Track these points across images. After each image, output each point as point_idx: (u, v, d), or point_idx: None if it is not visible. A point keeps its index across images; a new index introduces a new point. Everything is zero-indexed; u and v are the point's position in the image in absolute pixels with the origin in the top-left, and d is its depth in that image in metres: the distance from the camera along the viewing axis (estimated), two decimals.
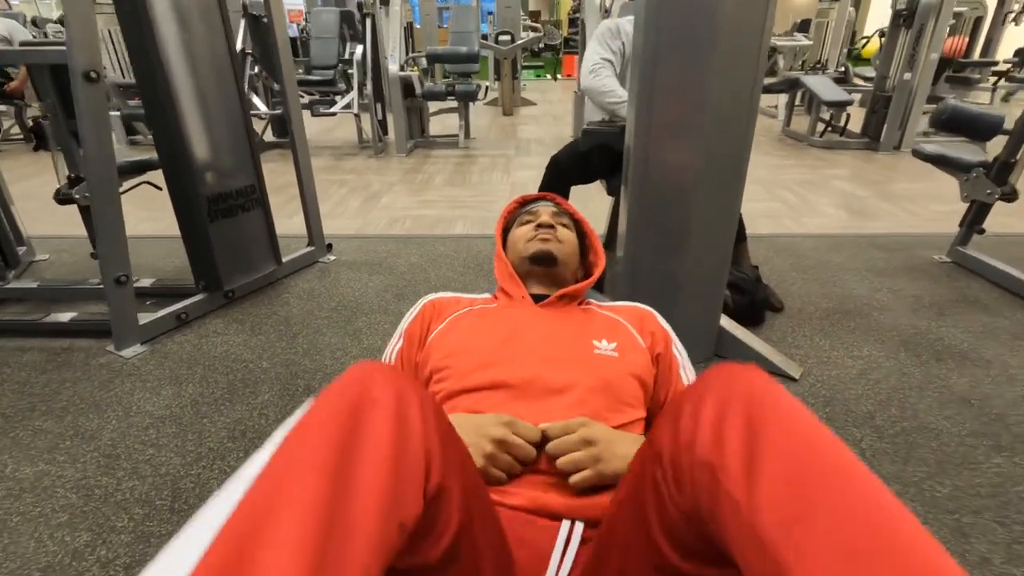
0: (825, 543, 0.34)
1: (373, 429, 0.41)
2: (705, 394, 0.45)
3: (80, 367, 1.52)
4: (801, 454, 0.38)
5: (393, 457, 0.40)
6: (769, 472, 0.38)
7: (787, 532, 0.35)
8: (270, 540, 0.33)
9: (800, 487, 0.37)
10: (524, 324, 0.84)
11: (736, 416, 0.41)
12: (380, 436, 0.40)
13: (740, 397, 0.43)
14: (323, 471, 0.37)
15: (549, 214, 0.99)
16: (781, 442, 0.39)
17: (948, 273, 2.07)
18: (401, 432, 0.42)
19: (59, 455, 1.21)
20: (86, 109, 1.38)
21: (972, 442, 1.22)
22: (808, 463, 0.38)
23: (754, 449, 0.39)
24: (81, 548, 0.99)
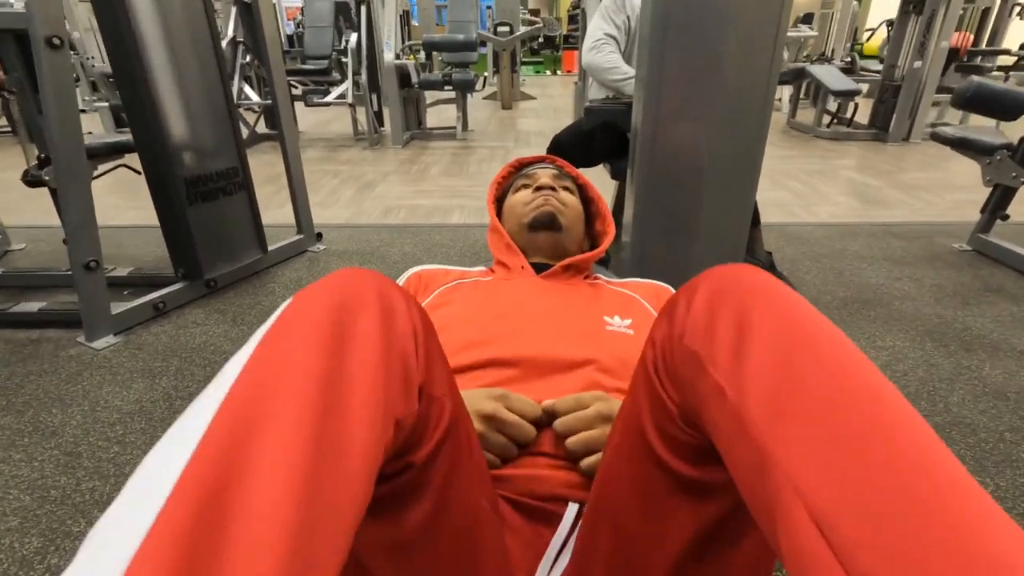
0: (809, 428, 0.32)
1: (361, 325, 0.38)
2: (698, 286, 0.42)
3: (47, 359, 1.41)
4: (791, 343, 0.35)
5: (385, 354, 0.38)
6: (757, 361, 0.35)
7: (772, 419, 0.33)
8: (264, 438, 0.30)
9: (788, 375, 0.34)
10: (525, 296, 0.73)
11: (728, 306, 0.39)
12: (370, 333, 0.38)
13: (734, 289, 0.40)
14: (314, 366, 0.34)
15: (549, 176, 0.88)
16: (771, 332, 0.36)
17: (969, 261, 1.97)
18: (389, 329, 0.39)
19: (15, 453, 1.10)
20: (49, 78, 1.28)
21: (1012, 438, 1.12)
22: (798, 352, 0.35)
23: (743, 338, 0.37)
24: (30, 556, 0.89)
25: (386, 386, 0.37)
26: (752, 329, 0.37)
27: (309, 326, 0.36)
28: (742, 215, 1.36)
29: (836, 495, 0.29)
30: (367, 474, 0.33)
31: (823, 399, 0.32)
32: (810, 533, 0.28)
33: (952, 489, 0.28)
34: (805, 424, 0.32)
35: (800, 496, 0.30)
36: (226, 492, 0.28)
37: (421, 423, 0.41)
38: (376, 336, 0.38)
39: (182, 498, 0.28)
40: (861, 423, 0.31)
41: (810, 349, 0.35)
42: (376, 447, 0.34)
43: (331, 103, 4.05)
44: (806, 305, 0.39)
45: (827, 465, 0.30)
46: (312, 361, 0.34)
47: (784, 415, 0.33)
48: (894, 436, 0.30)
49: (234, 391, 0.33)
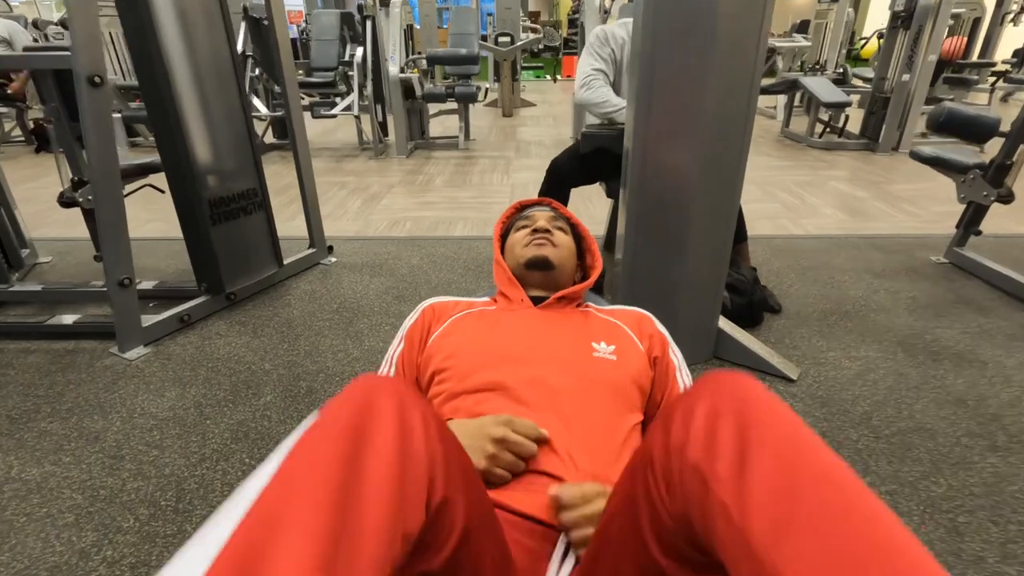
0: (814, 548, 0.34)
1: (377, 442, 0.41)
2: (697, 401, 0.45)
3: (84, 369, 1.53)
4: (791, 460, 0.39)
5: (398, 469, 0.41)
6: (759, 478, 0.38)
7: (777, 538, 0.35)
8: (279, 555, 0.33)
9: (790, 493, 0.37)
10: (523, 325, 0.85)
11: (727, 422, 0.42)
12: (384, 449, 0.41)
13: (731, 404, 0.43)
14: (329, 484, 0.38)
15: (545, 219, 1.01)
16: (771, 449, 0.39)
17: (945, 274, 2.08)
18: (405, 444, 0.42)
19: (64, 456, 1.22)
20: (90, 113, 1.39)
21: (968, 442, 1.23)
22: (798, 469, 0.38)
23: (744, 455, 0.39)
24: (87, 548, 1.00)
25: (400, 503, 0.40)
26: (751, 447, 0.39)
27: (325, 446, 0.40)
28: (725, 232, 1.47)
29: None
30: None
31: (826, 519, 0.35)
32: None
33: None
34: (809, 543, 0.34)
35: None
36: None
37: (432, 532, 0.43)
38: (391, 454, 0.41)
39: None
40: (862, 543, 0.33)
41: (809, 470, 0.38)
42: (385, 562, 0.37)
43: (337, 115, 4.16)
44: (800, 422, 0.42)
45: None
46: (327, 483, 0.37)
47: (789, 535, 0.35)
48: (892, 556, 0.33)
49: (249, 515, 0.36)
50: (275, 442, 1.26)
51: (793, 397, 1.40)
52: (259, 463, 0.96)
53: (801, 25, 7.02)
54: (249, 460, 1.21)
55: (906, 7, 3.85)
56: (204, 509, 1.08)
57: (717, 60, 1.26)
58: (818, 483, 0.37)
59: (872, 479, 1.14)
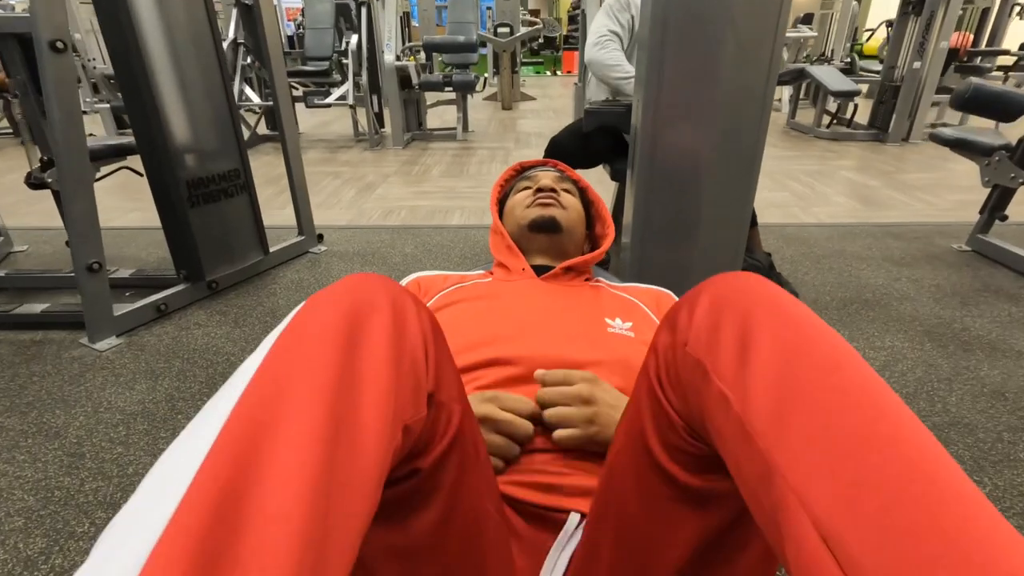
0: (814, 438, 0.32)
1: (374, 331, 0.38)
2: (701, 294, 0.42)
3: (50, 360, 1.42)
4: (795, 351, 0.36)
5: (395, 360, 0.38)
6: (760, 369, 0.36)
7: (775, 425, 0.33)
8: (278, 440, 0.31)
9: (791, 382, 0.34)
10: (526, 297, 0.74)
11: (732, 315, 0.39)
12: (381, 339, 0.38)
13: (738, 297, 0.40)
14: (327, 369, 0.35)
15: (551, 179, 0.89)
16: (775, 340, 0.36)
17: (968, 262, 1.97)
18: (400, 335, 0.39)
19: (19, 454, 1.11)
20: (53, 82, 1.29)
21: (1010, 438, 1.12)
22: (801, 360, 0.35)
23: (746, 347, 0.37)
24: (34, 556, 0.89)
25: (396, 391, 0.37)
26: (756, 337, 0.37)
27: (321, 331, 0.37)
28: (741, 216, 1.37)
29: (841, 506, 0.29)
30: (377, 479, 0.34)
31: (827, 409, 0.32)
32: (815, 545, 0.28)
33: (957, 501, 0.27)
34: (809, 434, 0.32)
35: (805, 507, 0.30)
36: (240, 494, 0.28)
37: (429, 429, 0.41)
38: (387, 341, 0.38)
39: (196, 499, 0.28)
40: (865, 433, 0.31)
41: (813, 358, 0.35)
42: (386, 452, 0.35)
43: (332, 104, 4.05)
44: (809, 313, 0.39)
45: (832, 475, 0.30)
46: (324, 366, 0.35)
47: (788, 425, 0.33)
48: (897, 446, 0.30)
49: (247, 395, 0.33)
50: None
51: None
52: None
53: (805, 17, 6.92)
54: None
55: None
56: None
57: (733, 30, 1.15)
58: (822, 372, 0.34)
59: None
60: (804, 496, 0.30)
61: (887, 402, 0.32)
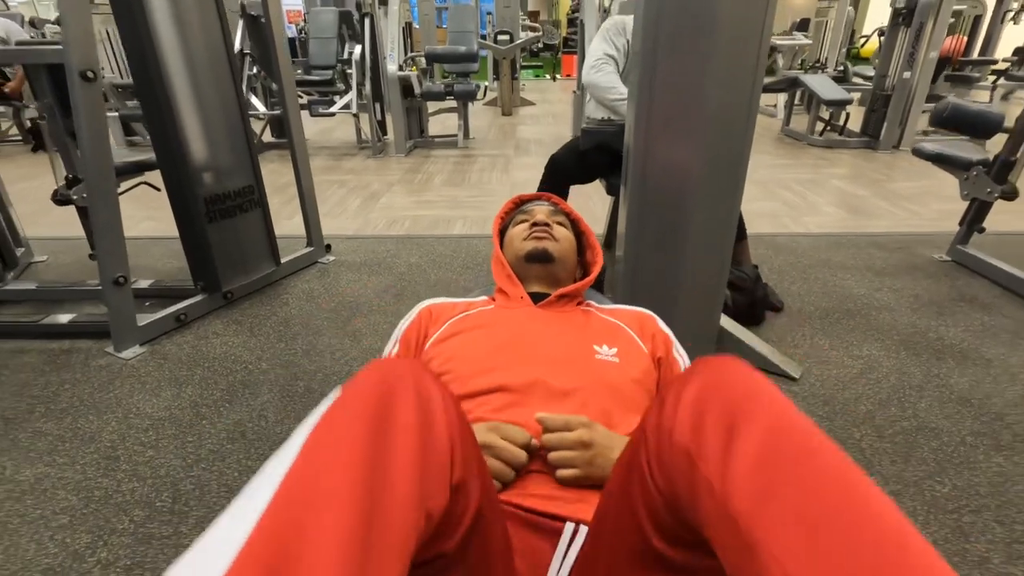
0: (793, 518, 0.35)
1: (400, 420, 0.41)
2: (688, 382, 0.45)
3: (79, 369, 1.51)
4: (776, 439, 0.39)
5: (421, 448, 0.41)
6: (743, 455, 0.39)
7: (757, 508, 0.36)
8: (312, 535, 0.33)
9: (772, 468, 0.38)
10: (524, 326, 0.83)
11: (715, 404, 0.42)
12: (408, 427, 0.41)
13: (721, 386, 0.43)
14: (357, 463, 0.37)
15: (545, 213, 0.99)
16: (757, 428, 0.40)
17: (948, 272, 2.07)
18: (427, 422, 0.42)
19: (59, 457, 1.20)
20: (83, 109, 1.38)
21: (972, 441, 1.22)
22: (782, 447, 0.39)
23: (730, 435, 0.40)
24: (82, 550, 0.99)
25: (423, 480, 0.40)
26: (739, 429, 0.40)
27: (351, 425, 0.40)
28: (727, 227, 1.45)
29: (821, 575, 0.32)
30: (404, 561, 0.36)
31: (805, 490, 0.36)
32: None
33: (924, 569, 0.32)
34: (789, 511, 0.35)
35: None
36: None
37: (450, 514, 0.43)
38: (415, 433, 0.41)
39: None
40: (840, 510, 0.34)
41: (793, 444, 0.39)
42: (411, 540, 0.37)
43: (336, 113, 4.14)
44: (788, 403, 0.42)
45: (810, 547, 0.33)
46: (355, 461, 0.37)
47: (769, 505, 0.36)
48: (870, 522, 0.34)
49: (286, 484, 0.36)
50: (272, 443, 1.25)
51: (795, 396, 1.39)
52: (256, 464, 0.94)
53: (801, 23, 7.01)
54: (246, 460, 1.19)
55: (907, 4, 3.84)
56: (200, 510, 1.07)
57: (719, 56, 1.24)
58: (801, 458, 0.38)
59: (876, 479, 1.12)
60: (786, 567, 0.33)
61: (860, 483, 0.36)
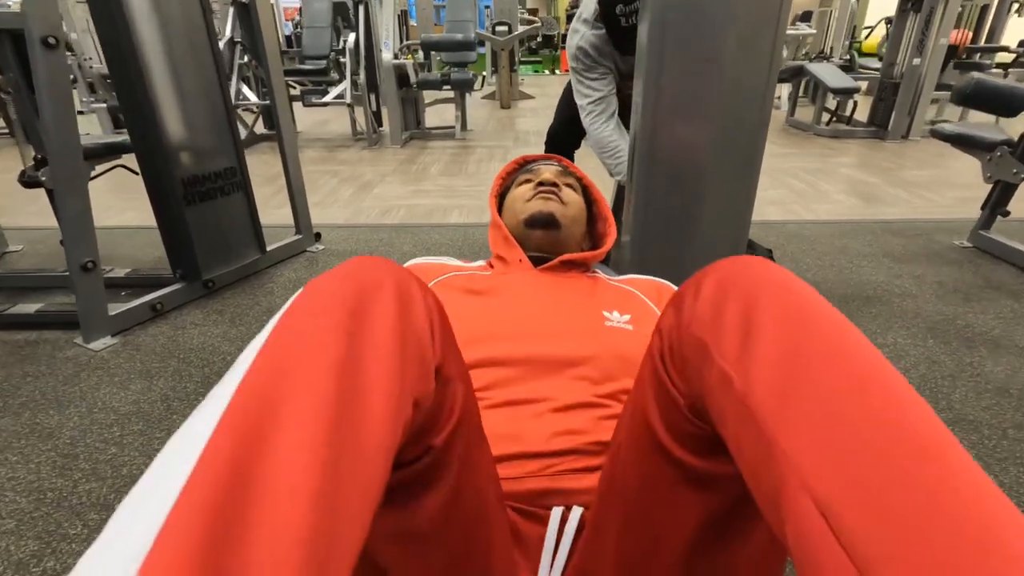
0: (815, 418, 0.31)
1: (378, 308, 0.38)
2: (707, 276, 0.41)
3: (44, 361, 1.41)
4: (800, 333, 0.35)
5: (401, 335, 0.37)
6: (764, 349, 0.35)
7: (779, 407, 0.33)
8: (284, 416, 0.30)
9: (796, 364, 0.34)
10: (523, 290, 0.72)
11: (736, 296, 0.38)
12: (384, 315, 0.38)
13: (742, 279, 0.39)
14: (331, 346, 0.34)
15: (552, 172, 0.87)
16: (779, 321, 0.36)
17: (970, 258, 1.96)
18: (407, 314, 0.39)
19: (11, 455, 1.10)
20: (45, 78, 1.27)
21: (1016, 435, 1.11)
22: (807, 342, 0.34)
23: (750, 327, 0.36)
24: (26, 559, 0.88)
25: (403, 366, 0.36)
26: (759, 318, 0.36)
27: (324, 310, 0.36)
28: (742, 213, 1.36)
29: (842, 485, 0.28)
30: (386, 452, 0.33)
31: (829, 388, 0.32)
32: (817, 524, 0.28)
33: (959, 479, 0.27)
34: (811, 413, 0.31)
35: (806, 486, 0.29)
36: (248, 470, 0.28)
37: (437, 404, 0.41)
38: (392, 318, 0.38)
39: (205, 476, 0.28)
40: (867, 412, 0.30)
41: (817, 339, 0.34)
42: (395, 425, 0.34)
43: (329, 103, 4.04)
44: (814, 294, 0.38)
45: (833, 455, 0.29)
46: (329, 342, 0.34)
47: (790, 404, 0.32)
48: (900, 425, 0.29)
49: (251, 373, 0.33)
50: None
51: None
52: None
53: (805, 15, 6.91)
54: None
55: None
56: None
57: (734, 26, 1.14)
58: (827, 354, 0.34)
59: None
60: (805, 476, 0.30)
61: (892, 384, 0.32)
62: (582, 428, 0.57)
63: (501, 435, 0.56)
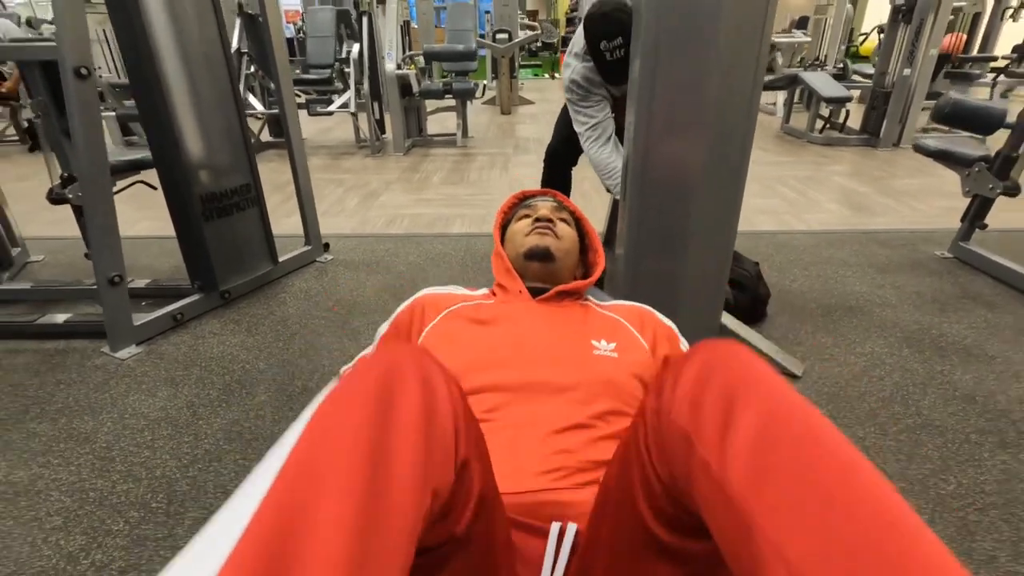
0: (789, 496, 0.35)
1: (404, 401, 0.41)
2: (687, 364, 0.45)
3: (75, 369, 1.50)
4: (774, 421, 0.39)
5: (425, 426, 0.41)
6: (741, 436, 0.38)
7: (753, 488, 0.36)
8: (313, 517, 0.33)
9: (770, 448, 0.37)
10: (522, 321, 0.82)
11: (714, 387, 0.42)
12: (412, 407, 0.41)
13: (720, 368, 0.43)
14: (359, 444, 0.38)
15: (548, 209, 0.98)
16: (755, 410, 0.39)
17: (950, 269, 2.05)
18: (431, 404, 0.42)
19: (53, 458, 1.19)
20: (77, 106, 1.36)
21: (977, 439, 1.21)
22: (780, 428, 0.38)
23: (728, 417, 0.40)
24: (76, 552, 0.97)
25: (427, 460, 0.40)
26: (737, 410, 0.40)
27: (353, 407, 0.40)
28: (729, 226, 1.44)
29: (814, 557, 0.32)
30: (410, 538, 0.36)
31: (802, 472, 0.35)
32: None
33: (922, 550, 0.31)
34: (785, 492, 0.35)
35: (782, 559, 0.32)
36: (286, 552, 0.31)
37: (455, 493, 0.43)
38: (418, 412, 0.41)
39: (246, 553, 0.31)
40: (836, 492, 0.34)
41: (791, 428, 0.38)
42: (417, 518, 0.37)
43: (334, 112, 4.13)
44: (788, 387, 0.42)
45: (806, 529, 0.33)
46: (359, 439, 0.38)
47: (766, 486, 0.36)
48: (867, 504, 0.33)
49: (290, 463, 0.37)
50: (269, 442, 1.23)
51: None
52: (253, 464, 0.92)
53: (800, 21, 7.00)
54: (243, 461, 1.18)
55: (907, 1, 3.82)
56: (196, 511, 1.05)
57: (720, 53, 1.23)
58: (798, 439, 0.37)
59: None
60: (781, 549, 0.33)
61: (858, 465, 0.36)
62: (575, 447, 0.64)
63: (504, 454, 0.62)
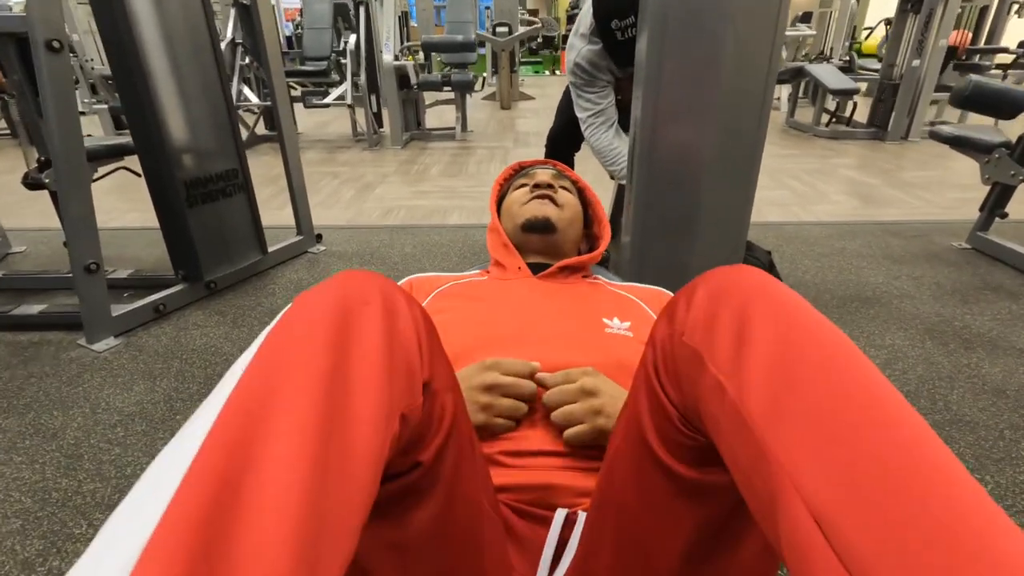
0: (808, 426, 0.32)
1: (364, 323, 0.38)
2: (700, 286, 0.42)
3: (48, 361, 1.42)
4: (791, 342, 0.35)
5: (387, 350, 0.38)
6: (756, 358, 0.35)
7: (771, 417, 0.33)
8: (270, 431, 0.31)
9: (788, 373, 0.34)
10: (522, 298, 0.73)
11: (729, 305, 0.39)
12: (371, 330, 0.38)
13: (735, 288, 0.40)
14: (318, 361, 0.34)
15: (548, 175, 0.88)
16: (772, 331, 0.36)
17: (969, 260, 1.97)
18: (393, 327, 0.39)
19: (16, 455, 1.10)
20: (49, 81, 1.28)
21: (1012, 435, 1.12)
22: (798, 351, 0.35)
23: (743, 337, 0.37)
24: (32, 558, 0.89)
25: (390, 380, 0.37)
26: (752, 328, 0.37)
27: (311, 325, 0.37)
28: (742, 214, 1.36)
29: (835, 492, 0.29)
30: (373, 467, 0.34)
31: (822, 397, 0.32)
32: (810, 530, 0.28)
33: (950, 486, 0.27)
34: (804, 422, 0.32)
35: (799, 493, 0.30)
36: (234, 485, 0.28)
37: (425, 418, 0.41)
38: (379, 332, 0.38)
39: (191, 491, 0.28)
40: (859, 420, 0.31)
41: (809, 348, 0.35)
42: (382, 441, 0.35)
43: (330, 104, 4.05)
44: (806, 305, 0.38)
45: (826, 462, 0.30)
46: (316, 358, 0.34)
47: (783, 413, 0.33)
48: (890, 431, 0.30)
49: (239, 389, 0.33)
50: None
51: None
52: None
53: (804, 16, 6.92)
54: None
55: None
56: None
57: (733, 27, 1.15)
58: (818, 362, 0.34)
59: None
60: (799, 481, 0.30)
61: (881, 390, 0.32)
62: None
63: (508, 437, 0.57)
